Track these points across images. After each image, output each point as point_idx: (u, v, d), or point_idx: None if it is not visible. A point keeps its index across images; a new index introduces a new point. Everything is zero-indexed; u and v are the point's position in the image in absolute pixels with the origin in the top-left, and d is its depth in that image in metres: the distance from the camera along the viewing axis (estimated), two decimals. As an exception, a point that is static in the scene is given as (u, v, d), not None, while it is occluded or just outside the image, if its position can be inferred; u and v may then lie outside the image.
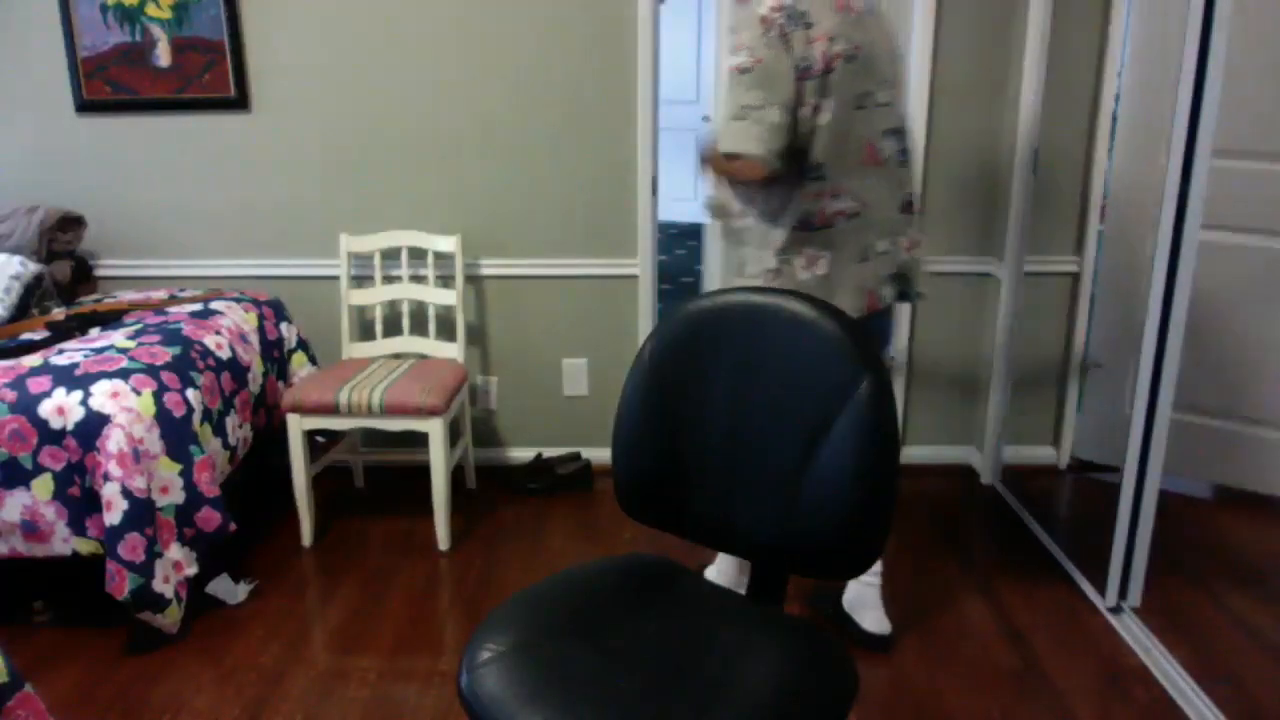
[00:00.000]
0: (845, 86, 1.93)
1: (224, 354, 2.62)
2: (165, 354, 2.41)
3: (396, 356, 3.03)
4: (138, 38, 2.98)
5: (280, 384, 2.95)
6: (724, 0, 2.61)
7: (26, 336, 2.55)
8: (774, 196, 2.00)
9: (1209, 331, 2.88)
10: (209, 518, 2.33)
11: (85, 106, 3.05)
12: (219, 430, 2.49)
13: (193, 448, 2.31)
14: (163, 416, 2.27)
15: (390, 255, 3.11)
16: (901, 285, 2.12)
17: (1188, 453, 2.83)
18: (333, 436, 3.04)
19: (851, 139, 1.97)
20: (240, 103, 3.04)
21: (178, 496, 2.27)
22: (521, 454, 3.35)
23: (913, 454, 3.35)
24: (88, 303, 2.93)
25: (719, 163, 2.00)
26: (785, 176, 1.96)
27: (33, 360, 2.32)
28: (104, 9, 2.95)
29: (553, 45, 2.98)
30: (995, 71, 3.00)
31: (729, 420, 1.44)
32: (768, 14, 1.89)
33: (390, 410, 2.63)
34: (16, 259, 2.74)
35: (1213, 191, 2.06)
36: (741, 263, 2.13)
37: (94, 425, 2.18)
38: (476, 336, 3.25)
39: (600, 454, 3.33)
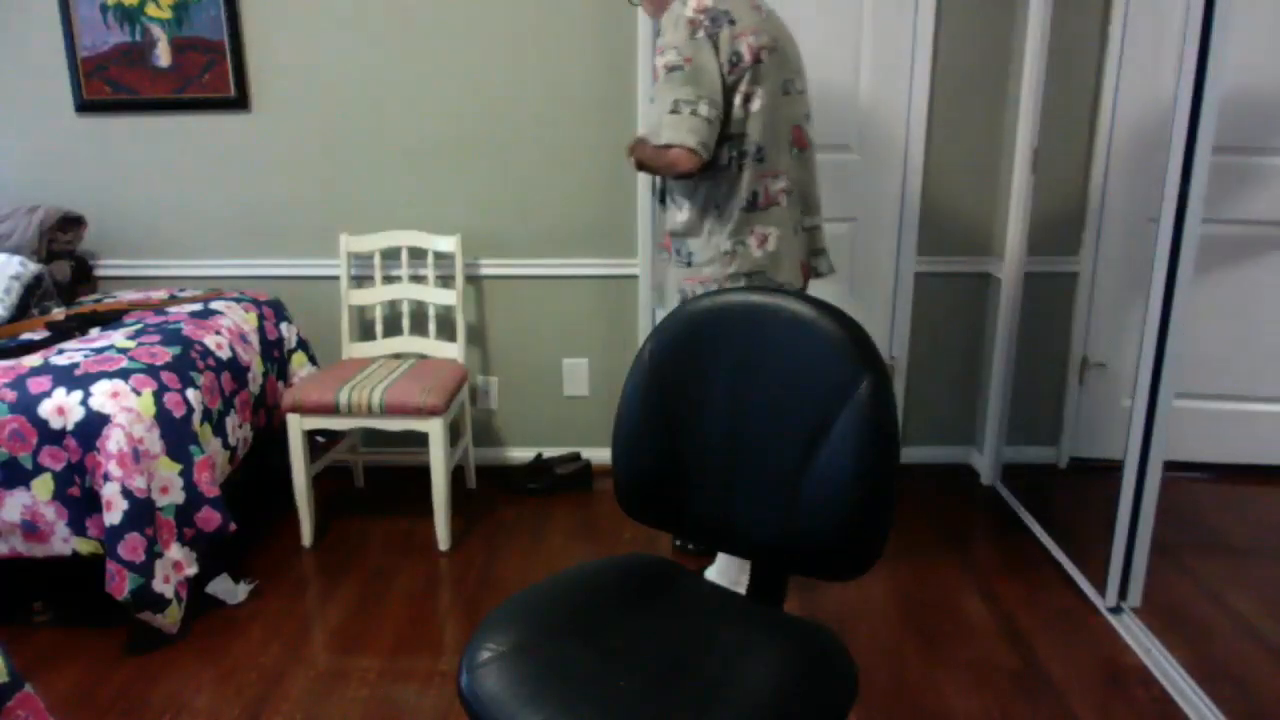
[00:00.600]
0: (772, 75, 2.13)
1: (224, 354, 2.62)
2: (165, 354, 2.41)
3: (396, 356, 3.03)
4: (138, 38, 2.98)
5: (280, 384, 2.95)
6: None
7: (26, 336, 2.55)
8: (721, 183, 2.15)
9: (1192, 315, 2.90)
10: (209, 518, 2.33)
11: (85, 106, 3.05)
12: (219, 430, 2.49)
13: (193, 448, 2.31)
14: (163, 416, 2.27)
15: (390, 255, 3.11)
16: (826, 259, 2.36)
17: (1182, 435, 2.86)
18: (333, 436, 3.04)
19: (781, 123, 2.17)
20: (240, 103, 3.04)
21: (178, 496, 2.27)
22: (521, 454, 3.35)
23: (913, 454, 3.35)
24: (88, 303, 2.93)
25: (654, 158, 2.11)
26: (728, 163, 2.13)
27: (33, 360, 2.33)
28: (104, 9, 2.95)
29: (553, 45, 2.98)
30: (995, 71, 3.00)
31: (729, 420, 1.44)
32: (693, 16, 2.05)
33: (390, 410, 2.63)
34: (16, 259, 2.74)
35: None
36: (689, 254, 2.22)
37: (94, 425, 2.18)
38: (476, 336, 3.25)
39: (600, 454, 3.33)
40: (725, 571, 2.38)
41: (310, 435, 2.80)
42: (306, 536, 2.80)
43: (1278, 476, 3.01)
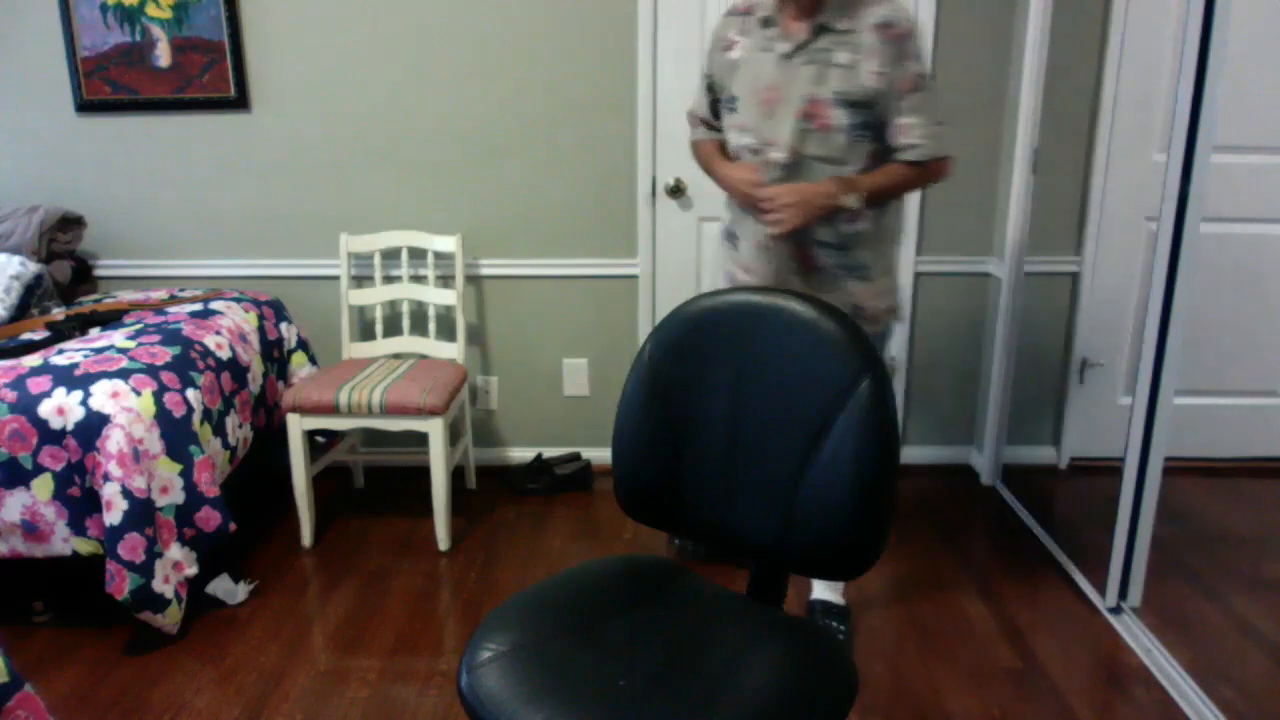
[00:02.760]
0: None
1: (224, 354, 2.62)
2: (165, 354, 2.41)
3: (396, 356, 3.03)
4: (138, 38, 2.98)
5: (280, 384, 2.95)
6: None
7: (26, 336, 2.55)
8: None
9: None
10: (209, 518, 2.33)
11: (85, 106, 3.05)
12: (219, 430, 2.49)
13: (193, 448, 2.31)
14: (163, 416, 2.27)
15: (390, 255, 3.11)
16: None
17: (1182, 431, 2.89)
18: (333, 436, 3.04)
19: None
20: (240, 103, 3.04)
21: (178, 496, 2.27)
22: (521, 454, 3.35)
23: (913, 454, 3.35)
24: (88, 303, 2.93)
25: (920, 177, 1.99)
26: None
27: (33, 360, 2.33)
28: (104, 9, 2.95)
29: (553, 45, 2.99)
30: (995, 72, 3.00)
31: (729, 420, 1.44)
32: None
33: (390, 410, 2.63)
34: (16, 259, 2.74)
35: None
36: (863, 267, 2.05)
37: (94, 425, 2.18)
38: (476, 336, 3.25)
39: (600, 454, 3.33)
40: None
41: (310, 435, 2.80)
42: (306, 536, 2.80)
43: (1276, 471, 3.02)
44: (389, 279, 3.10)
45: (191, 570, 2.31)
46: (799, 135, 1.95)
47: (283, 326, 3.01)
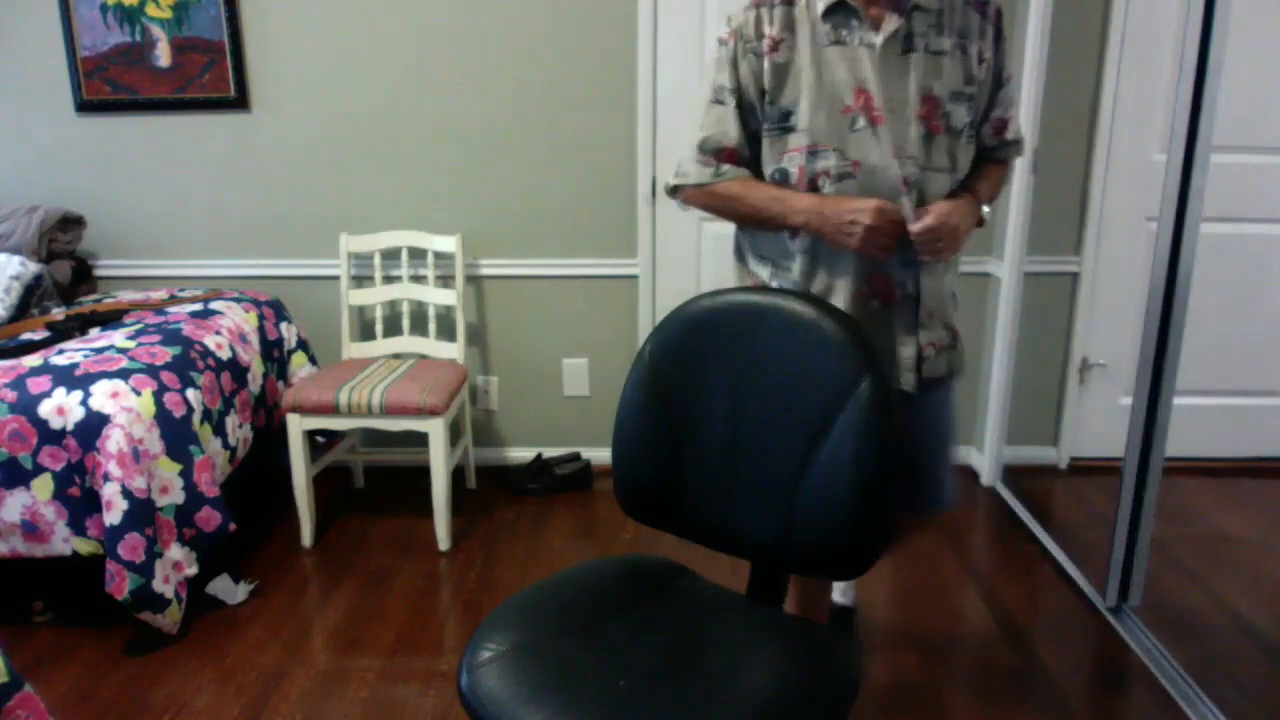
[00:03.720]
0: None
1: (224, 354, 2.62)
2: (165, 354, 2.41)
3: (396, 356, 3.03)
4: (138, 38, 2.98)
5: (280, 384, 2.95)
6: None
7: (26, 336, 2.55)
8: None
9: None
10: (209, 518, 2.33)
11: (85, 106, 3.05)
12: (219, 430, 2.49)
13: (193, 448, 2.31)
14: (163, 416, 2.27)
15: (390, 255, 3.11)
16: None
17: (1181, 431, 2.91)
18: (333, 436, 3.04)
19: None
20: (240, 103, 3.04)
21: (178, 496, 2.27)
22: (521, 454, 3.35)
23: (913, 454, 3.35)
24: (87, 303, 2.93)
25: (1005, 176, 1.79)
26: None
27: (33, 360, 2.32)
28: (104, 9, 2.95)
29: (553, 45, 2.98)
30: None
31: (729, 420, 1.44)
32: None
33: (390, 410, 2.63)
34: (16, 259, 2.74)
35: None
36: (954, 293, 1.75)
37: (94, 425, 2.18)
38: (476, 336, 3.25)
39: (600, 454, 3.32)
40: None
41: (310, 435, 2.80)
42: (306, 536, 2.80)
43: (1276, 471, 3.02)
44: (389, 279, 3.10)
45: (191, 570, 2.31)
46: (923, 144, 1.54)
47: (283, 326, 3.01)
